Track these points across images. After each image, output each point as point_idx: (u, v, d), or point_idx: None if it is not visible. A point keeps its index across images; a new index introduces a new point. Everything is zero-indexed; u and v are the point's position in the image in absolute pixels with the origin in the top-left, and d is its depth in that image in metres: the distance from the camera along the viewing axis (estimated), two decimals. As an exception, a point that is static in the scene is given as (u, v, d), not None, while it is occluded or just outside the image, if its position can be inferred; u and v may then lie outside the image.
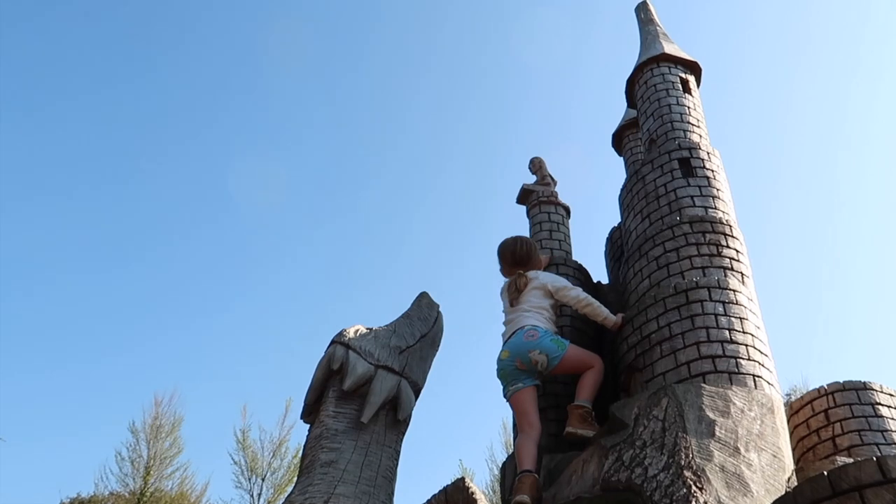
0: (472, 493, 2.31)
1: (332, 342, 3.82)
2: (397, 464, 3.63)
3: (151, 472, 18.88)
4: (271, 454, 19.66)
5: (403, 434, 3.76)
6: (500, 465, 4.60)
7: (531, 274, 4.44)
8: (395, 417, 3.69)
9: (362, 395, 3.64)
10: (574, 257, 5.30)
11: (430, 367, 4.09)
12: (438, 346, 4.23)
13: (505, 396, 4.13)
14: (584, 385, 4.06)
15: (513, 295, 4.38)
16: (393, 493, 3.49)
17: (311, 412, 3.77)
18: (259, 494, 19.19)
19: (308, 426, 3.79)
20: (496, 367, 4.19)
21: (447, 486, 2.42)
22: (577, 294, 4.32)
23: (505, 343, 4.21)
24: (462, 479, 2.36)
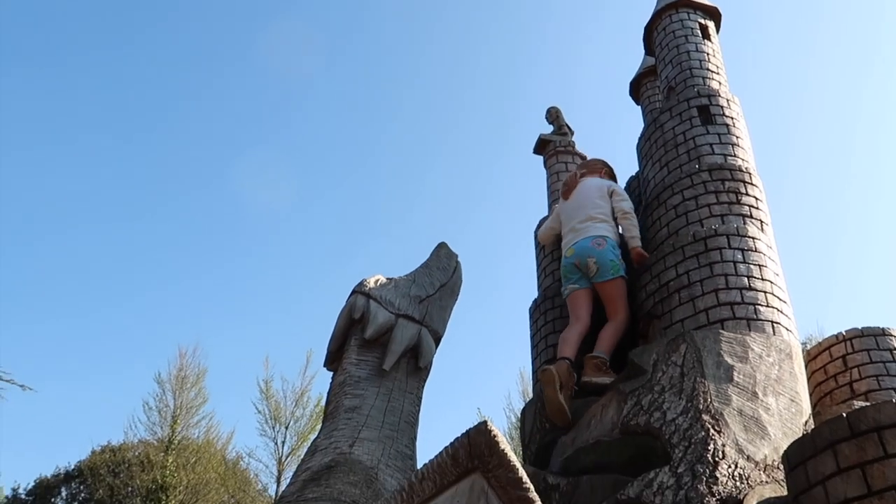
0: (495, 436, 2.35)
1: (354, 292, 3.86)
2: (419, 410, 3.70)
3: (178, 421, 19.36)
4: (294, 403, 20.06)
5: (424, 381, 3.82)
6: (520, 412, 4.67)
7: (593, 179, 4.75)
8: (416, 365, 3.74)
9: (384, 344, 3.69)
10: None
11: (449, 316, 4.13)
12: (458, 295, 4.26)
13: (564, 295, 4.45)
14: (605, 337, 4.14)
15: (571, 181, 4.74)
16: (415, 438, 3.56)
17: (333, 360, 3.84)
18: (283, 442, 19.65)
19: (331, 374, 3.87)
20: (562, 261, 4.52)
21: (469, 429, 2.46)
22: (622, 206, 4.52)
23: (573, 243, 4.42)
24: (484, 423, 2.40)
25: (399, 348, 3.64)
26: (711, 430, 2.85)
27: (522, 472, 2.40)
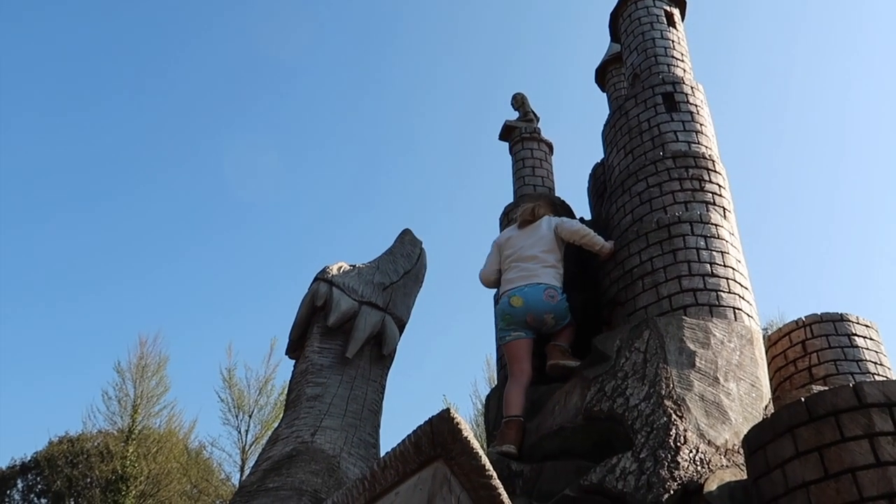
0: (458, 424, 2.32)
1: (316, 279, 3.80)
2: (383, 398, 3.66)
3: (139, 411, 19.05)
4: (257, 392, 19.90)
5: (388, 369, 3.79)
6: (485, 399, 4.66)
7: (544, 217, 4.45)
8: (380, 352, 3.70)
9: (346, 331, 3.64)
10: (557, 193, 5.29)
11: (413, 303, 4.09)
12: (422, 282, 4.23)
13: (500, 340, 4.16)
14: (565, 333, 4.13)
15: (525, 218, 4.44)
16: (379, 426, 3.53)
17: (295, 348, 3.78)
18: (246, 430, 19.48)
19: (293, 362, 3.81)
20: (502, 306, 4.13)
21: (432, 417, 2.43)
22: (573, 227, 4.34)
23: (517, 289, 4.10)
24: (447, 410, 2.37)
25: (362, 335, 3.60)
26: (673, 416, 2.87)
27: (485, 460, 2.38)
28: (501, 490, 2.26)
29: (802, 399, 2.27)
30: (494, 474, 2.34)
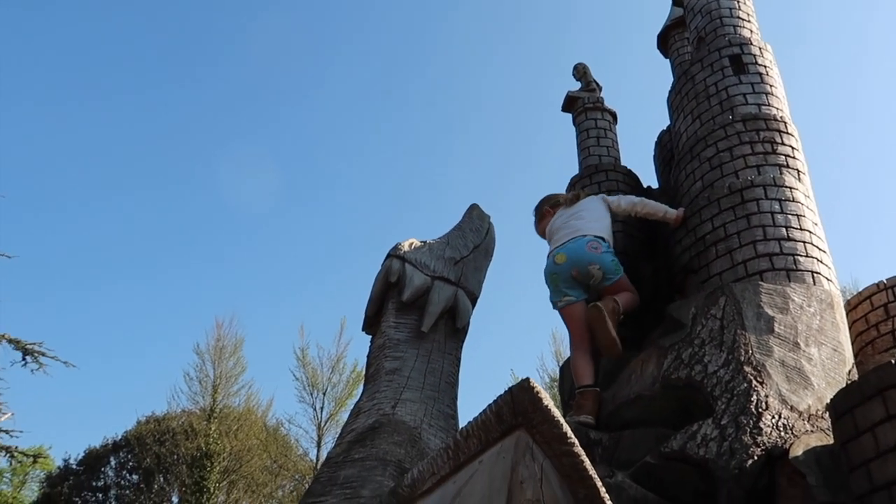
0: (538, 393, 2.36)
1: (389, 256, 3.88)
2: (458, 370, 3.74)
3: (219, 391, 19.79)
4: (330, 370, 20.34)
5: (462, 342, 3.86)
6: (560, 369, 4.70)
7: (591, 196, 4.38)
8: (454, 326, 3.77)
9: (420, 306, 3.71)
10: (622, 163, 5.24)
11: (484, 277, 4.14)
12: (491, 255, 4.27)
13: (553, 304, 4.04)
14: (623, 295, 3.92)
15: (570, 200, 4.33)
16: (456, 398, 3.61)
17: (371, 324, 3.88)
18: (321, 408, 19.98)
19: (369, 338, 3.92)
20: (548, 267, 4.04)
21: (513, 386, 2.48)
22: (630, 199, 4.26)
23: (561, 246, 3.99)
24: (527, 380, 2.42)
25: (436, 310, 3.67)
26: (754, 382, 2.85)
27: (567, 428, 2.41)
28: (584, 457, 2.30)
29: (893, 360, 2.23)
30: (576, 442, 2.38)
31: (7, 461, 13.66)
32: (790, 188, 3.97)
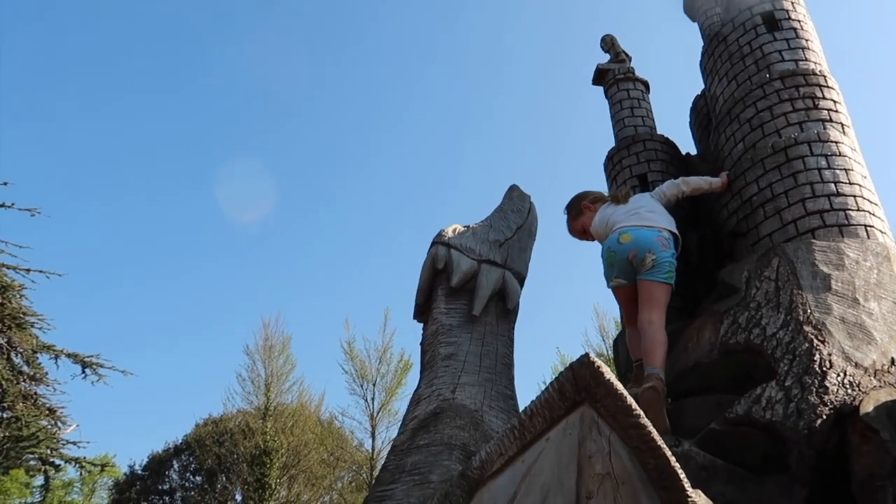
0: (599, 367, 2.37)
1: (434, 243, 3.92)
2: (513, 351, 3.77)
3: (271, 389, 20.19)
4: (378, 361, 20.58)
5: (514, 323, 3.88)
6: (613, 343, 4.69)
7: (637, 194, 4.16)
8: (505, 308, 3.80)
9: (470, 290, 3.75)
10: (658, 132, 5.18)
11: (530, 257, 4.16)
12: (535, 235, 4.28)
13: (608, 281, 3.90)
14: (656, 351, 3.37)
15: (624, 196, 4.07)
16: (513, 379, 3.64)
17: (422, 312, 3.93)
18: (372, 398, 20.24)
19: (421, 325, 3.96)
20: (609, 243, 3.78)
21: (573, 362, 2.50)
22: (671, 185, 4.09)
23: (632, 227, 3.73)
24: (587, 355, 2.43)
25: (486, 293, 3.70)
26: (815, 341, 2.82)
27: (631, 400, 2.42)
28: (651, 428, 2.31)
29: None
30: (642, 413, 2.39)
31: (76, 471, 14.11)
32: (836, 143, 3.89)
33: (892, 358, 2.85)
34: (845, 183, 3.72)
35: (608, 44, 5.57)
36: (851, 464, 2.35)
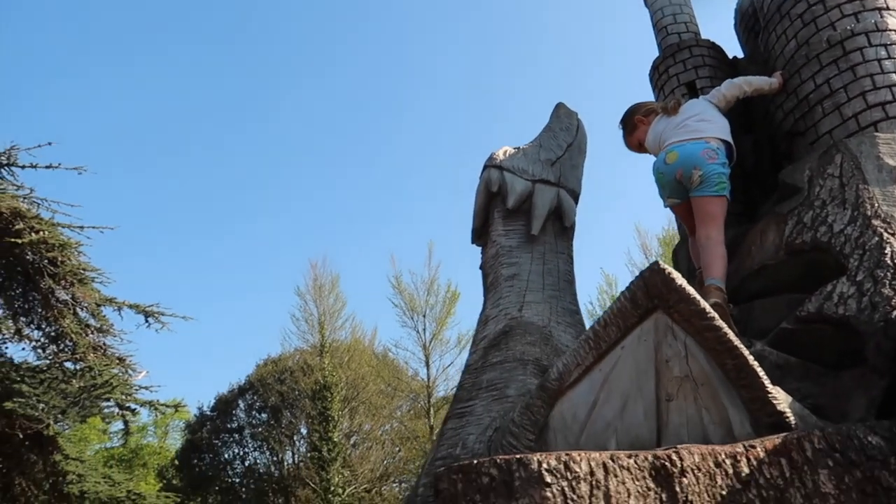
0: (669, 274, 2.41)
1: (485, 167, 3.93)
2: (573, 267, 3.81)
3: (325, 326, 20.76)
4: (426, 293, 20.97)
5: (572, 240, 3.91)
6: (672, 253, 4.70)
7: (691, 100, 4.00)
8: (562, 226, 3.82)
9: (525, 211, 3.77)
10: (703, 37, 5.03)
11: (582, 174, 4.15)
12: (585, 151, 4.25)
13: (663, 201, 3.88)
14: (714, 260, 3.36)
15: (673, 107, 3.94)
16: (576, 295, 3.69)
17: (479, 235, 3.97)
18: (423, 329, 20.70)
19: (479, 249, 4.02)
20: (657, 165, 3.76)
21: (643, 271, 2.54)
22: (731, 85, 3.94)
23: (679, 143, 3.65)
24: (656, 263, 2.47)
25: (542, 212, 3.72)
26: (885, 234, 2.79)
27: (704, 304, 2.46)
28: (727, 329, 2.35)
29: None
30: (716, 315, 2.43)
31: (151, 414, 14.80)
32: (895, 31, 3.75)
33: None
34: (907, 72, 3.59)
35: (646, -52, 5.36)
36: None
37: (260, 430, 21.52)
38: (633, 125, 4.14)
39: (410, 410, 22.76)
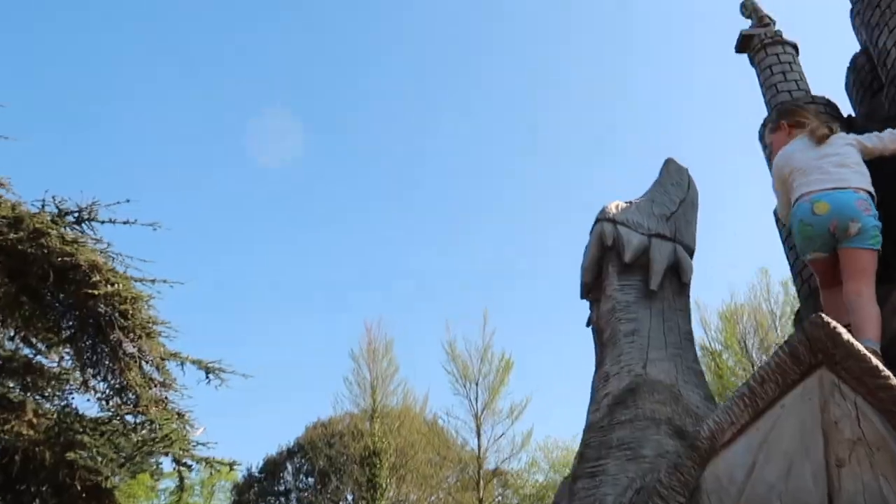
0: (835, 328, 2.24)
1: (598, 220, 3.82)
2: (691, 326, 3.62)
3: (377, 391, 20.58)
4: (479, 360, 20.68)
5: (689, 298, 3.73)
6: (795, 312, 4.43)
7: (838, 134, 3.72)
8: (679, 282, 3.66)
9: (641, 266, 3.62)
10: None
11: (696, 230, 4.00)
12: (698, 207, 4.11)
13: (803, 254, 3.61)
14: (869, 320, 3.13)
15: (821, 134, 3.65)
16: (696, 354, 3.49)
17: (590, 290, 3.83)
18: (475, 398, 20.32)
19: (588, 304, 3.86)
20: (803, 215, 3.45)
21: (803, 324, 2.36)
22: (879, 137, 3.66)
23: (824, 193, 3.40)
24: (819, 316, 2.30)
25: (661, 267, 3.57)
26: None
27: (876, 361, 2.27)
28: (906, 386, 2.15)
29: None
30: (890, 374, 2.23)
31: (198, 473, 14.68)
32: None
33: None
34: None
35: (749, 8, 5.33)
36: None
37: (306, 494, 21.17)
38: (778, 127, 3.91)
39: (458, 481, 22.16)
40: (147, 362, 14.11)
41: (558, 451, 23.40)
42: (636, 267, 3.63)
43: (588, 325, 3.91)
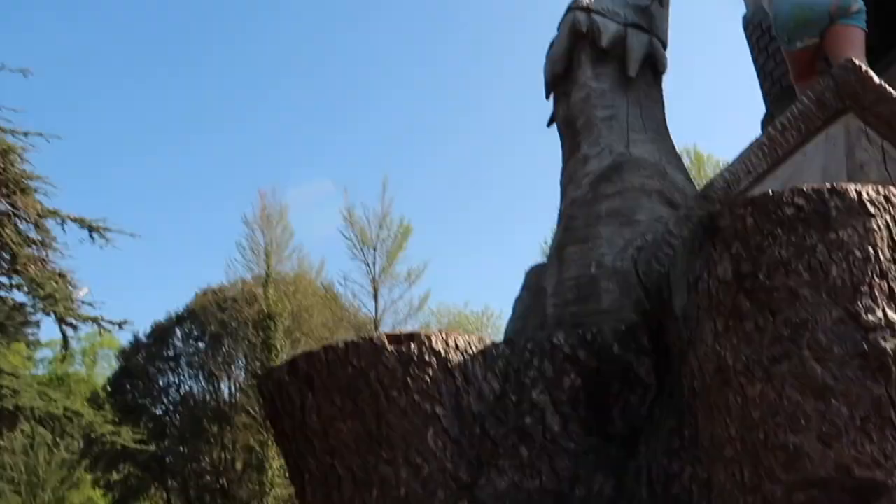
0: (867, 72, 2.10)
1: (570, 9, 3.56)
2: (666, 118, 3.50)
3: (271, 256, 20.15)
4: (378, 226, 20.45)
5: (662, 90, 3.59)
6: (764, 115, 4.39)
7: None
8: (653, 75, 3.50)
9: (617, 56, 3.42)
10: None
11: (668, 27, 3.83)
12: (669, 4, 3.93)
13: (789, 44, 3.55)
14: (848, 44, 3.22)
15: None
16: (674, 144, 3.38)
17: (557, 84, 3.61)
18: (374, 262, 20.26)
19: (552, 98, 3.65)
20: (796, 1, 3.39)
21: (832, 69, 2.21)
22: None
23: None
24: (850, 60, 2.14)
25: (639, 55, 3.38)
26: None
27: (906, 104, 2.19)
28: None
29: None
30: (924, 115, 2.15)
31: (93, 331, 13.94)
32: None
33: None
34: None
35: None
36: None
37: (196, 358, 20.84)
38: None
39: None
40: (22, 219, 12.98)
41: (450, 317, 24.06)
42: (612, 56, 3.41)
43: (550, 123, 3.72)
